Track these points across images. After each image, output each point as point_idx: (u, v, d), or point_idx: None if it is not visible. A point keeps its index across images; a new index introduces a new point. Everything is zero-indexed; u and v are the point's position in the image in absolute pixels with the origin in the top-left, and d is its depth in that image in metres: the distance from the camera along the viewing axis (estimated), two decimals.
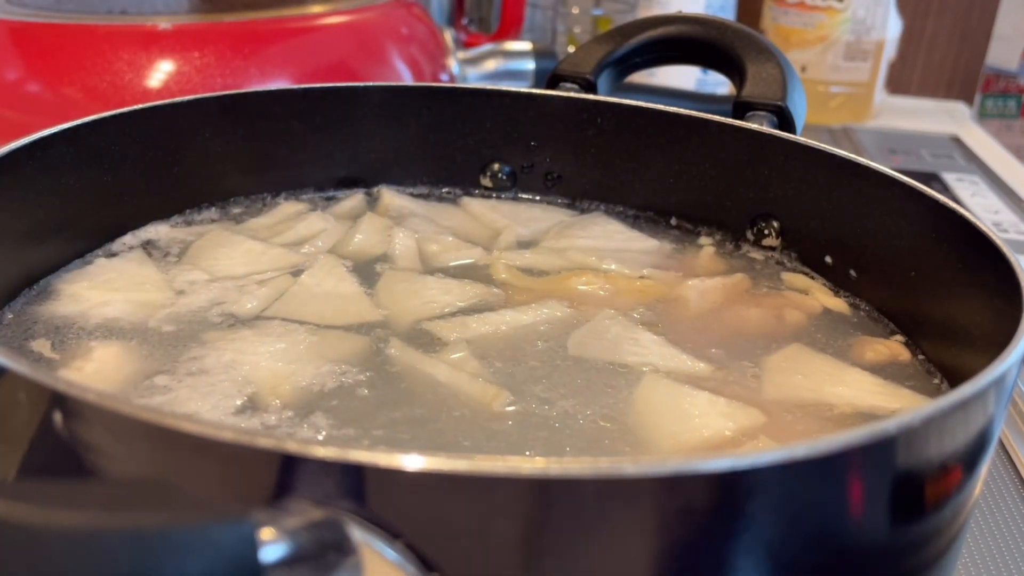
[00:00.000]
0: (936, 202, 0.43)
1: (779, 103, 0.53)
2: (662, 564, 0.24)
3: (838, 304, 0.48)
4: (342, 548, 0.22)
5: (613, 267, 0.50)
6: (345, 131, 0.57)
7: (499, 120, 0.58)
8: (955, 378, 0.41)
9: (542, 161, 0.59)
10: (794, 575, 0.26)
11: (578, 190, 0.58)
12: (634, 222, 0.56)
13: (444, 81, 0.83)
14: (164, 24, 0.69)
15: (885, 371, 0.42)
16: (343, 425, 0.35)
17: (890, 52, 1.23)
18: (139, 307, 0.43)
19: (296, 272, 0.47)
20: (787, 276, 0.50)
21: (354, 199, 0.56)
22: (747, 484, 0.23)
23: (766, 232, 0.53)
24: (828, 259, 0.50)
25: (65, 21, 0.70)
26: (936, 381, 0.42)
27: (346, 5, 0.79)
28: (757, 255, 0.52)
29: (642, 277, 0.49)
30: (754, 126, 0.52)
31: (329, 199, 0.57)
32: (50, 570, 0.17)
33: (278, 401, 0.36)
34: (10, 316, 0.42)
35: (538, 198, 0.59)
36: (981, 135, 1.24)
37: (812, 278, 0.50)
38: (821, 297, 0.48)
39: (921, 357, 0.43)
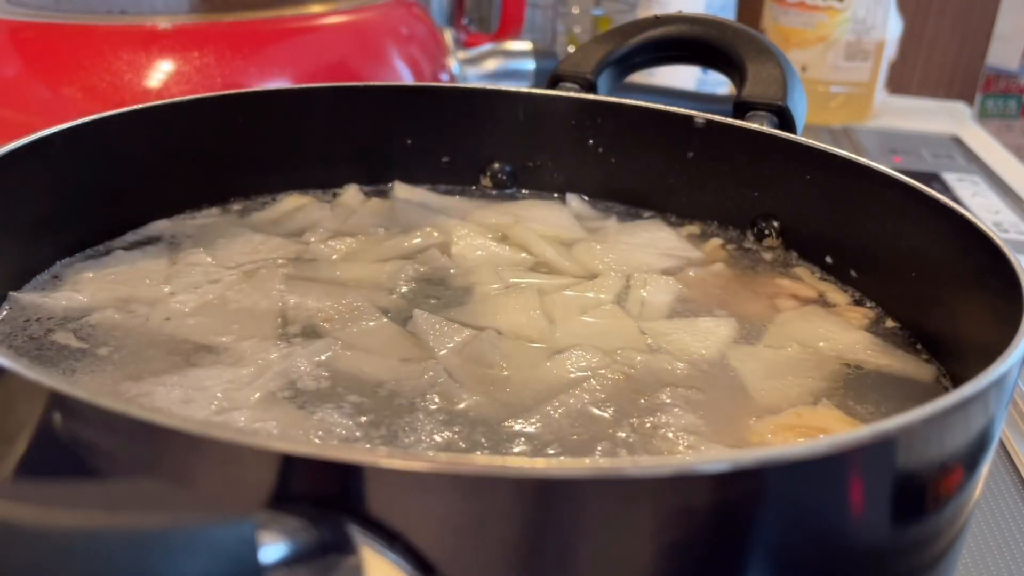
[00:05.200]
0: (937, 202, 0.43)
1: (779, 103, 0.53)
2: (662, 564, 0.24)
3: (838, 298, 0.48)
4: (342, 548, 0.22)
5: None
6: (345, 131, 0.57)
7: (499, 120, 0.58)
8: (955, 378, 0.41)
9: (542, 161, 0.58)
10: None
11: (578, 190, 0.58)
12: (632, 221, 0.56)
13: (444, 81, 0.83)
14: (164, 24, 0.69)
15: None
16: None
17: (890, 52, 1.23)
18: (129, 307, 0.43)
19: (295, 260, 0.48)
20: (787, 272, 0.50)
21: (349, 192, 0.57)
22: (747, 484, 0.23)
23: (766, 232, 0.53)
24: (828, 259, 0.50)
25: (65, 21, 0.70)
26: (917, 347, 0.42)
27: (346, 5, 0.79)
28: (760, 253, 0.52)
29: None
30: (754, 126, 0.52)
31: (333, 196, 0.57)
32: (50, 570, 0.17)
33: None
34: (7, 309, 0.42)
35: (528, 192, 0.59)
36: (981, 135, 1.24)
37: (813, 273, 0.50)
38: (818, 289, 0.48)
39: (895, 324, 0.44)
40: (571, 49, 1.21)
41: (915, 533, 0.28)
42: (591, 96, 0.57)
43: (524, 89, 0.57)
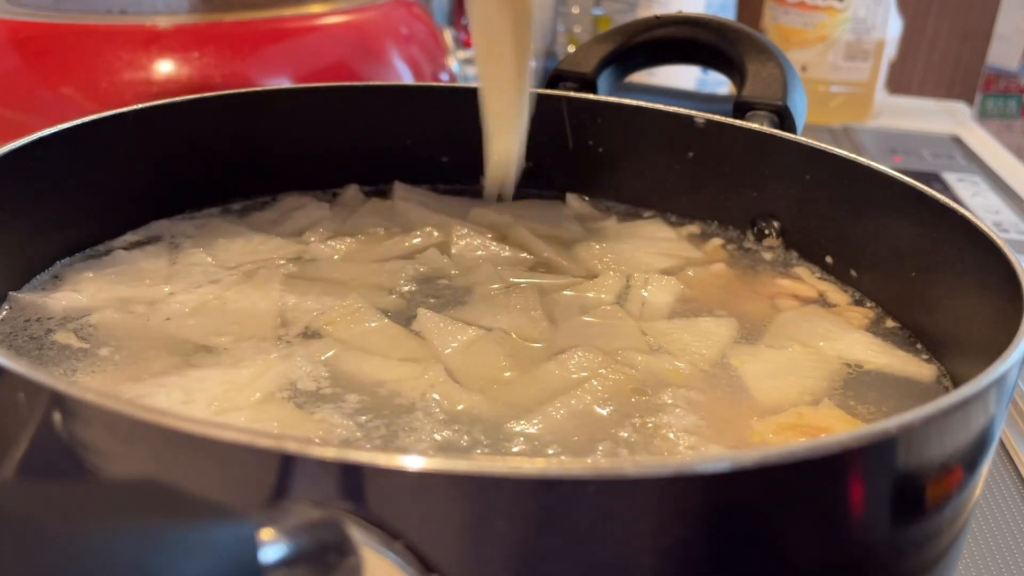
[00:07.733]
0: (937, 202, 0.43)
1: (779, 103, 0.53)
2: (662, 564, 0.24)
3: (838, 298, 0.48)
4: (342, 548, 0.22)
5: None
6: (345, 131, 0.57)
7: None
8: (955, 378, 0.41)
9: (542, 161, 0.58)
10: None
11: (578, 190, 0.58)
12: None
13: (444, 81, 0.83)
14: (164, 24, 0.69)
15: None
16: None
17: (890, 52, 1.23)
18: (127, 308, 0.43)
19: (295, 260, 0.48)
20: (787, 272, 0.50)
21: (349, 191, 0.57)
22: (748, 484, 0.23)
23: (766, 232, 0.53)
24: (829, 259, 0.50)
25: (65, 21, 0.70)
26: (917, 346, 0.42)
27: (346, 5, 0.79)
28: (760, 253, 0.52)
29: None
30: (754, 126, 0.52)
31: (333, 196, 0.57)
32: (50, 570, 0.17)
33: None
34: (7, 309, 0.42)
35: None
36: (982, 135, 1.24)
37: (813, 273, 0.50)
38: (819, 289, 0.49)
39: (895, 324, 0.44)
40: (571, 49, 1.20)
41: (915, 533, 0.28)
42: (591, 96, 0.57)
43: None
